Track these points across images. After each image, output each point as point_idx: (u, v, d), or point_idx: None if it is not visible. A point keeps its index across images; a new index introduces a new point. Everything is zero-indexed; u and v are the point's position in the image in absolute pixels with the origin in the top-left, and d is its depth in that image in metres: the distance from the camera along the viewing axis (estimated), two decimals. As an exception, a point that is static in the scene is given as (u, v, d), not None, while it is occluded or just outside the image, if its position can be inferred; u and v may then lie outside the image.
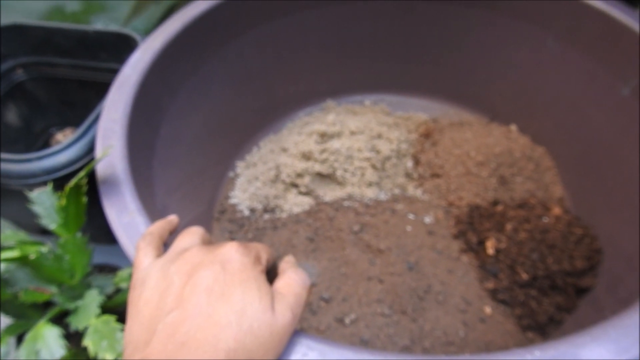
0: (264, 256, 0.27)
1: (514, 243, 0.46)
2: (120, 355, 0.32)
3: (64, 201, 0.33)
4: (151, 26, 0.63)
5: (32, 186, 0.42)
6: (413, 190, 0.55)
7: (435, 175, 0.55)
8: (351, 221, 0.50)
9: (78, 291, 0.38)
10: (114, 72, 0.41)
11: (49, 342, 0.34)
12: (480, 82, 0.60)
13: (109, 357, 0.32)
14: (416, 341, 0.43)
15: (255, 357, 0.22)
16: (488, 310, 0.45)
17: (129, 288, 0.26)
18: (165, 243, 0.30)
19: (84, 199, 0.34)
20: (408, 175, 0.56)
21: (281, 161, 0.53)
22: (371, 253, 0.48)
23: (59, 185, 0.38)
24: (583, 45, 0.48)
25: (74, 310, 0.36)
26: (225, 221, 0.52)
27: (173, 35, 0.44)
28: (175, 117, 0.46)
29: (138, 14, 0.63)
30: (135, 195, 0.33)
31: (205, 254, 0.25)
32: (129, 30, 0.53)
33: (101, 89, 0.45)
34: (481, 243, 0.48)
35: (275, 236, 0.50)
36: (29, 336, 0.34)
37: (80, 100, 0.61)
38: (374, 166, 0.53)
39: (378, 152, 0.54)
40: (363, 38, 0.59)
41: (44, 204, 0.35)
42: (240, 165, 0.57)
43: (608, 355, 0.25)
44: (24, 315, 0.38)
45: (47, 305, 0.39)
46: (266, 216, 0.52)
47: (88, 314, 0.35)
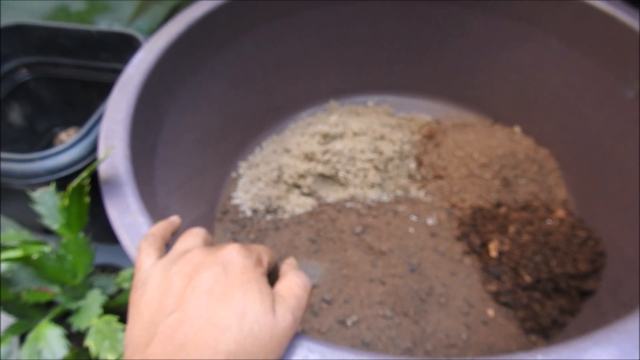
0: (266, 258, 0.27)
1: (517, 245, 0.46)
2: (122, 355, 0.32)
3: (66, 201, 0.34)
4: (155, 26, 0.64)
5: (35, 186, 0.42)
6: (416, 192, 0.54)
7: (438, 177, 0.55)
8: (353, 222, 0.50)
9: (80, 291, 0.38)
10: (117, 73, 0.42)
11: (51, 342, 0.34)
12: (483, 84, 0.59)
13: (110, 357, 0.32)
14: (418, 343, 0.42)
15: (255, 360, 0.22)
16: (491, 312, 0.45)
17: (131, 289, 0.26)
18: (167, 244, 0.30)
19: (87, 199, 0.35)
20: (411, 177, 0.56)
21: (284, 162, 0.53)
22: (373, 255, 0.48)
23: (61, 185, 0.38)
24: (586, 46, 0.48)
25: (76, 310, 0.36)
26: (228, 222, 0.52)
27: (176, 36, 0.44)
28: (177, 118, 0.46)
29: (142, 14, 0.63)
30: (137, 195, 0.34)
31: (207, 255, 0.25)
32: (132, 31, 0.53)
33: (104, 89, 0.45)
34: (484, 245, 0.48)
35: (277, 237, 0.50)
36: (31, 336, 0.35)
37: (83, 100, 0.61)
38: (376, 167, 0.53)
39: (381, 154, 0.54)
40: (365, 39, 0.58)
41: (47, 204, 0.36)
42: (242, 166, 0.57)
43: (611, 360, 0.25)
44: (26, 315, 0.38)
45: (50, 305, 0.39)
46: (268, 217, 0.52)
47: (90, 314, 0.35)
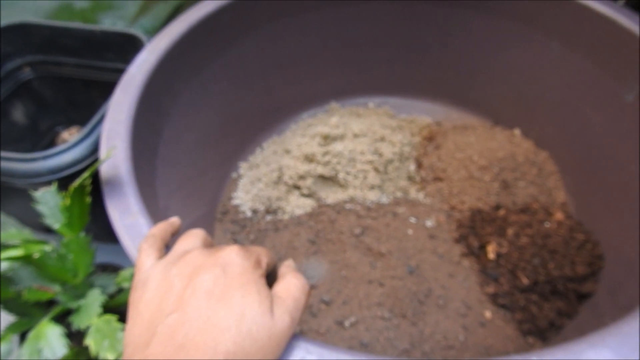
0: (264, 260, 0.27)
1: (515, 248, 0.46)
2: (121, 355, 0.32)
3: (68, 201, 0.34)
4: (158, 25, 0.64)
5: (37, 185, 0.42)
6: (415, 194, 0.55)
7: (438, 179, 0.55)
8: (352, 224, 0.50)
9: (81, 290, 0.38)
10: (120, 72, 0.42)
11: (51, 341, 0.34)
12: (483, 86, 0.60)
13: (110, 357, 0.32)
14: (416, 345, 0.43)
15: (253, 360, 0.22)
16: (488, 314, 0.45)
17: (131, 289, 0.26)
18: (167, 245, 0.30)
19: (88, 199, 0.35)
20: (410, 179, 0.56)
21: (284, 163, 0.54)
22: (372, 256, 0.48)
23: (63, 184, 0.38)
24: (586, 49, 0.48)
25: (76, 310, 0.36)
26: (228, 222, 0.53)
27: (178, 36, 0.44)
28: (179, 118, 0.46)
29: (145, 13, 0.63)
30: (138, 196, 0.34)
31: (206, 256, 0.25)
32: (135, 30, 0.54)
33: (107, 88, 0.45)
34: (482, 247, 0.48)
35: (276, 238, 0.50)
36: (31, 334, 0.35)
37: (85, 100, 0.61)
38: (376, 169, 0.54)
39: (381, 155, 0.54)
40: (366, 40, 0.59)
41: (49, 204, 0.36)
42: (243, 167, 0.58)
43: (606, 363, 0.25)
44: (27, 314, 0.38)
45: (50, 303, 0.39)
46: (268, 218, 0.52)
47: (90, 313, 0.35)
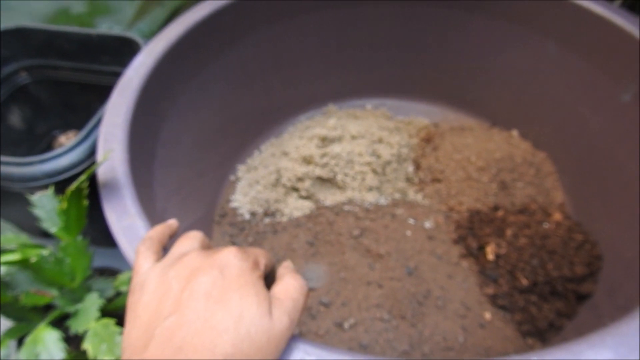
0: (263, 261, 0.27)
1: (514, 248, 0.46)
2: (119, 358, 0.32)
3: (65, 205, 0.34)
4: (156, 28, 0.64)
5: (34, 189, 0.42)
6: (413, 195, 0.55)
7: (436, 180, 0.55)
8: (351, 225, 0.50)
9: (78, 294, 0.38)
10: (117, 76, 0.42)
11: (48, 345, 0.34)
12: (481, 87, 0.60)
13: (108, 361, 0.32)
14: (415, 346, 0.43)
15: (252, 363, 0.22)
16: (488, 315, 0.45)
17: (128, 292, 0.26)
18: (165, 247, 0.30)
19: (85, 203, 0.35)
20: (408, 180, 0.56)
21: (282, 165, 0.53)
22: (371, 258, 0.48)
23: (60, 188, 0.38)
24: (583, 50, 0.48)
25: (74, 314, 0.36)
26: (226, 225, 0.52)
27: (176, 39, 0.44)
28: (176, 121, 0.46)
29: (142, 16, 0.63)
30: (135, 199, 0.34)
31: (204, 258, 0.25)
32: (132, 34, 0.54)
33: (104, 92, 0.45)
34: (481, 248, 0.48)
35: (275, 240, 0.50)
36: (29, 339, 0.35)
37: (82, 103, 0.61)
38: (374, 171, 0.54)
39: (379, 157, 0.54)
40: (363, 42, 0.59)
41: (45, 207, 0.36)
42: (241, 169, 0.58)
43: (606, 363, 0.25)
44: (24, 318, 0.38)
45: (48, 308, 0.39)
46: (267, 220, 0.52)
47: (88, 317, 0.35)
